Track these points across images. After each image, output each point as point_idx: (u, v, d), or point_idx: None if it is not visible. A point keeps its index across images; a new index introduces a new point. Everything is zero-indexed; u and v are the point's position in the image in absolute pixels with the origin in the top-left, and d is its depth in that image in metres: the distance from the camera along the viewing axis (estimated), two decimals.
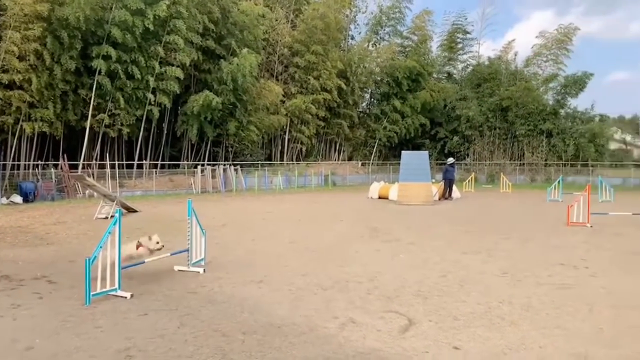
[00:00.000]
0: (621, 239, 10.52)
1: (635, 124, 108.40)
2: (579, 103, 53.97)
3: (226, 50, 28.23)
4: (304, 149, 35.40)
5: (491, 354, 4.05)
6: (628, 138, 76.05)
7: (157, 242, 6.87)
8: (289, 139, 34.28)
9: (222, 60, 27.57)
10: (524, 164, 38.47)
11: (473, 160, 40.26)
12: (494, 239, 10.35)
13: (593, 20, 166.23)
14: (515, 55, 43.66)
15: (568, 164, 36.79)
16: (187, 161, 28.60)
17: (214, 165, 27.16)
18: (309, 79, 33.34)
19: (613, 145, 47.87)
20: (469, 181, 28.12)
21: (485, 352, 4.09)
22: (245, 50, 27.18)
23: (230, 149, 30.09)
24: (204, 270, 7.10)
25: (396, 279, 6.71)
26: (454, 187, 21.67)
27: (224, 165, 27.43)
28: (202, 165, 26.88)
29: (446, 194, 21.08)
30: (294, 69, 33.66)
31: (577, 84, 38.96)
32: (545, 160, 38.08)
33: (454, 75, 45.91)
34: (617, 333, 4.59)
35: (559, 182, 21.50)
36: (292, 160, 34.49)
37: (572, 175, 34.17)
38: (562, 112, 39.93)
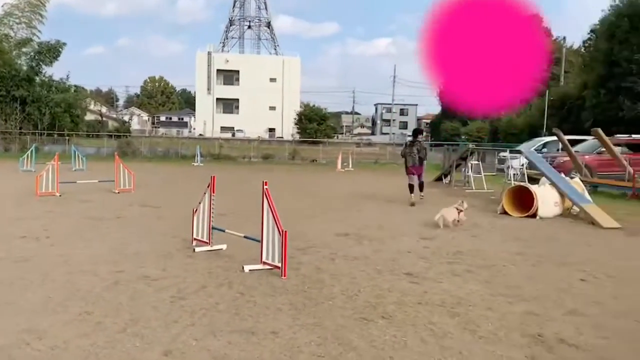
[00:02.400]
0: (86, 205, 11.18)
1: (110, 97, 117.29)
2: (54, 72, 52.55)
3: None
4: None
5: None
6: (104, 110, 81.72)
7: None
8: None
9: None
10: None
11: None
12: None
13: None
14: None
15: (45, 133, 36.00)
16: None
17: None
18: None
19: (90, 116, 50.12)
20: None
21: None
22: None
23: None
24: None
25: None
26: None
27: None
28: None
29: None
30: None
31: (51, 51, 38.25)
32: (20, 129, 35.98)
33: None
34: (65, 298, 4.82)
35: (32, 151, 20.80)
36: None
37: (49, 145, 33.63)
38: (37, 79, 38.43)
